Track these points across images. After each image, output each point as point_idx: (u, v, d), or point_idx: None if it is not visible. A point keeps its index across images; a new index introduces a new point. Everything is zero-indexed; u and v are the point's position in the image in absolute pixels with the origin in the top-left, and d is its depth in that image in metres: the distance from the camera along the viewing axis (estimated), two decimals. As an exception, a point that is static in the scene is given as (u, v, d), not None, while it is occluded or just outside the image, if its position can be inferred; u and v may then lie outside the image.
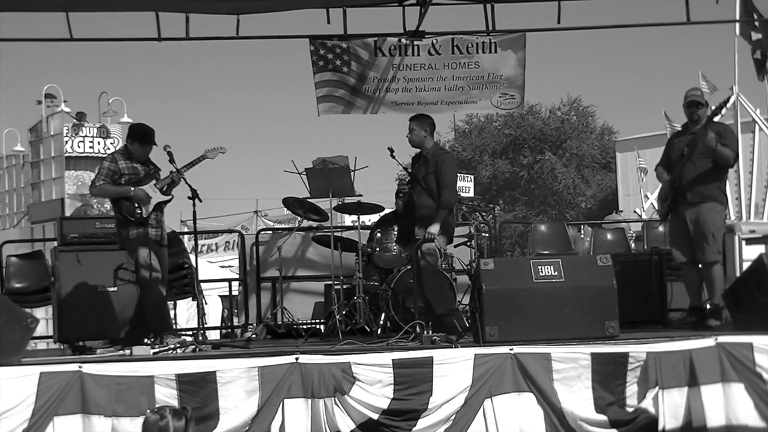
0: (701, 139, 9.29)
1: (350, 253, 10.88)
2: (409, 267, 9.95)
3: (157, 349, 8.58)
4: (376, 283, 10.74)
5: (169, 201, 9.31)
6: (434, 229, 9.24)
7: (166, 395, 7.46)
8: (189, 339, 9.07)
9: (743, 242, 13.06)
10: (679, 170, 9.52)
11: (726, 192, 9.78)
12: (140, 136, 9.23)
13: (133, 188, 9.06)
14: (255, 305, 11.81)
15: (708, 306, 9.55)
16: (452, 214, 9.74)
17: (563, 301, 8.32)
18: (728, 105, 9.47)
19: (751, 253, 11.41)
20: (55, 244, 10.27)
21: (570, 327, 8.27)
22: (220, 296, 17.56)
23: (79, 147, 27.09)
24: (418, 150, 9.67)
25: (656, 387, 7.86)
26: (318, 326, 10.98)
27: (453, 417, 7.74)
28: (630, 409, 7.91)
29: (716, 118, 9.72)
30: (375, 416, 7.64)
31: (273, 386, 7.57)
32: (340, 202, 11.74)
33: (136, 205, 9.03)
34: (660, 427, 7.81)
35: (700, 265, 9.61)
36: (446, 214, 9.44)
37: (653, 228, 12.49)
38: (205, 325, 10.26)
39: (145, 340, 8.91)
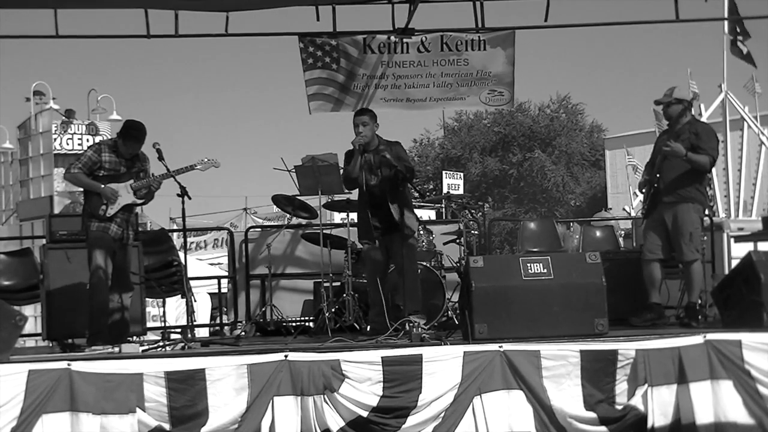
0: (670, 153, 9.31)
1: (339, 251, 10.89)
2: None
3: (147, 347, 8.56)
4: (365, 281, 10.74)
5: (141, 205, 9.25)
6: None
7: (155, 393, 7.45)
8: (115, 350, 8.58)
9: (732, 240, 13.12)
10: (658, 170, 9.54)
11: (705, 191, 9.76)
12: (125, 132, 9.19)
13: (103, 186, 9.00)
14: (244, 303, 11.81)
15: (686, 304, 9.58)
16: None
17: (552, 299, 8.32)
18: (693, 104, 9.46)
19: (740, 250, 11.44)
20: (44, 241, 10.23)
21: (559, 324, 8.27)
22: (209, 294, 17.54)
23: (67, 144, 26.92)
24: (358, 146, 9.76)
25: (645, 384, 7.86)
26: (307, 324, 10.97)
27: (442, 414, 7.73)
28: (619, 407, 7.90)
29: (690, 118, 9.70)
30: (364, 414, 7.62)
31: (262, 384, 7.56)
32: (329, 200, 11.73)
33: (104, 202, 8.99)
34: (649, 424, 7.80)
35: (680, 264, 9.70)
36: None
37: (642, 225, 12.50)
38: (194, 323, 10.25)
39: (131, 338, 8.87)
